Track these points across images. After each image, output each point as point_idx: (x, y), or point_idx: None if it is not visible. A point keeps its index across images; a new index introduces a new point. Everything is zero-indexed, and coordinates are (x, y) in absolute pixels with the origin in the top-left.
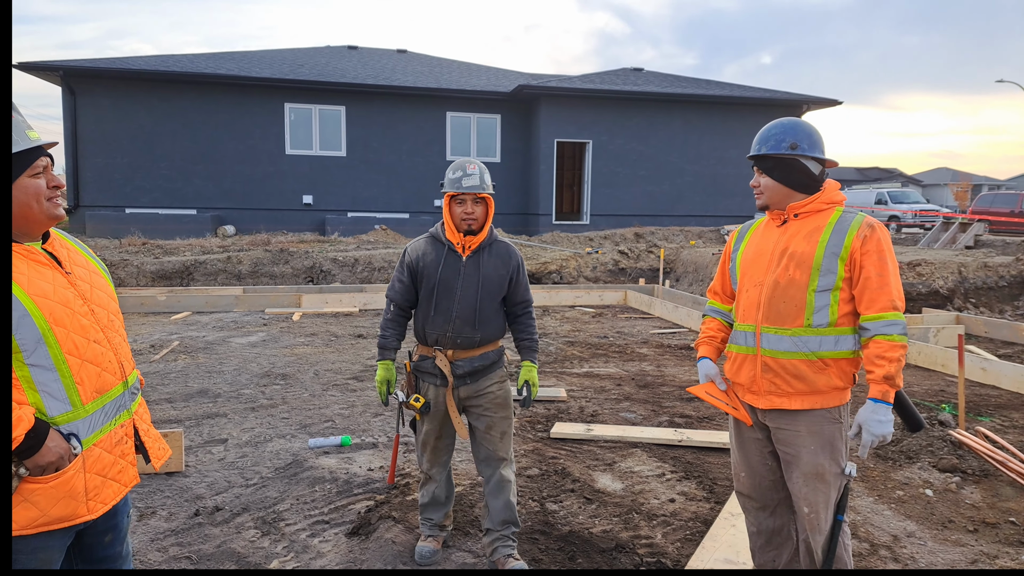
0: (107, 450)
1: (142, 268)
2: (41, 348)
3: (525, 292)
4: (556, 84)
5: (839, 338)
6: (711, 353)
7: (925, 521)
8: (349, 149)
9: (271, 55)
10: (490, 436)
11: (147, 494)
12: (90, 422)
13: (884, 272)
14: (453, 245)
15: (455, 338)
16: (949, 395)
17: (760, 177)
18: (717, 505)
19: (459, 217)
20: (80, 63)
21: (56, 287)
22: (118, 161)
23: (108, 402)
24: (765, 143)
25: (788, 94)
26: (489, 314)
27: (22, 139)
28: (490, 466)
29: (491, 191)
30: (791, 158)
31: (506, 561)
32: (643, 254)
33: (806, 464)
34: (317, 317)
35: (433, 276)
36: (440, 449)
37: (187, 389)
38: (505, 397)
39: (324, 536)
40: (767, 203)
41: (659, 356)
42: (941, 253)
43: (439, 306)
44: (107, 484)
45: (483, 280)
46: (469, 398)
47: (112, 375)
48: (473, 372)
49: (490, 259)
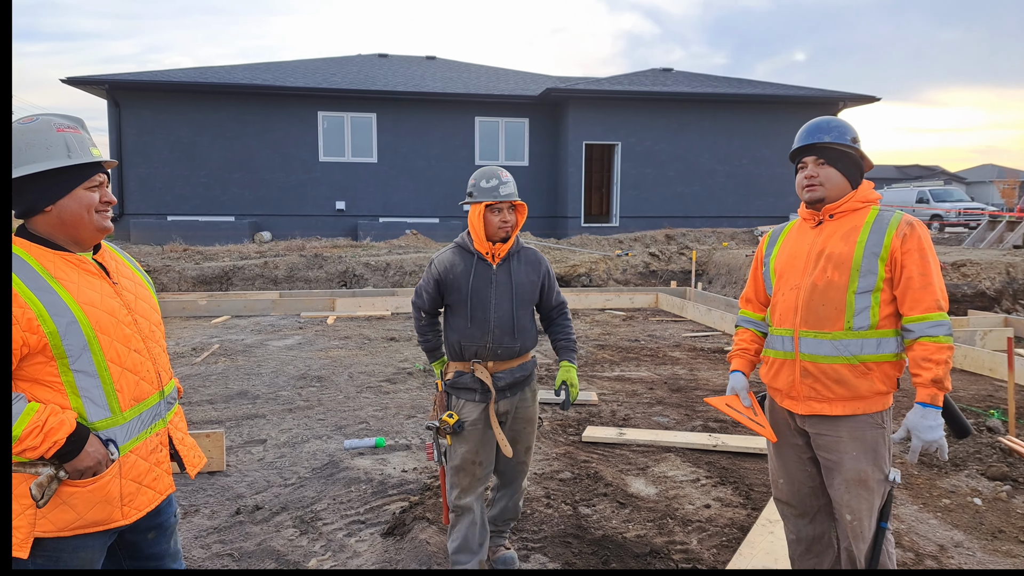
0: (143, 457)
1: (183, 274)
2: (86, 355)
3: (558, 295)
4: (584, 87)
5: (881, 340)
6: (744, 366)
7: (974, 531)
8: (380, 155)
9: (304, 65)
10: (516, 449)
11: (190, 492)
12: (127, 429)
13: (927, 271)
14: (482, 254)
15: (495, 349)
16: (998, 400)
17: (821, 168)
18: (754, 511)
19: (496, 225)
20: (124, 77)
21: (103, 296)
22: (159, 170)
23: (145, 410)
24: (828, 132)
25: (823, 91)
26: (526, 322)
27: (85, 154)
28: (511, 477)
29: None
30: (853, 151)
31: (497, 550)
32: (674, 256)
33: (849, 470)
34: (350, 320)
35: (465, 287)
36: (478, 476)
37: (227, 391)
38: (536, 411)
39: (360, 536)
40: (825, 196)
41: (692, 360)
42: (987, 253)
43: (475, 317)
44: (142, 491)
45: (516, 288)
46: (506, 413)
47: (149, 384)
48: (514, 384)
49: (520, 266)
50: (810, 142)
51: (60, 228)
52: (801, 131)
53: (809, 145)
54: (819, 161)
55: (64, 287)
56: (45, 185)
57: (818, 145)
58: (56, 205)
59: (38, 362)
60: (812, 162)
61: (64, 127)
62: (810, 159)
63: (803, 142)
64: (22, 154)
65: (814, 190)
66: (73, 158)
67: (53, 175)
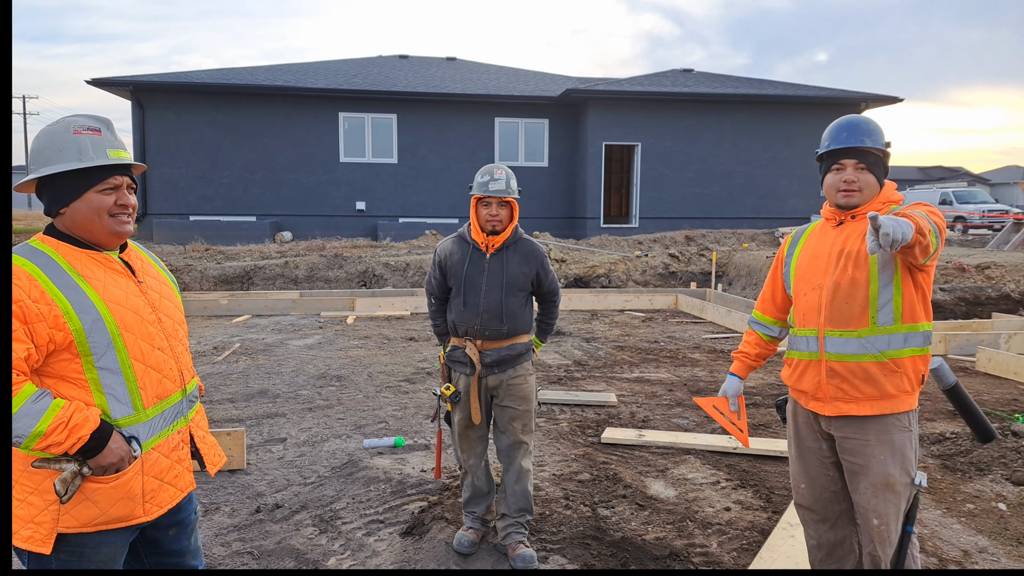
0: (164, 455)
1: (205, 273)
2: (110, 352)
3: (551, 283)
4: (604, 87)
5: (907, 335)
6: (741, 370)
7: (998, 536)
8: (400, 156)
9: (325, 66)
10: (512, 427)
11: (211, 490)
12: (150, 427)
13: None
14: (478, 244)
15: (483, 330)
16: (1022, 404)
17: (861, 173)
18: (775, 515)
19: (484, 218)
20: (147, 78)
21: (128, 295)
22: (182, 171)
23: (167, 408)
24: (869, 135)
25: (845, 92)
26: (515, 308)
27: (99, 156)
28: (510, 456)
29: (516, 196)
30: (886, 154)
31: (516, 547)
32: (694, 257)
33: (876, 474)
34: (370, 320)
35: (460, 273)
36: (474, 439)
37: (248, 389)
38: (529, 390)
39: (379, 535)
40: (861, 202)
41: (712, 362)
42: (1012, 255)
43: (467, 300)
44: (163, 488)
45: (507, 277)
46: (495, 388)
47: (172, 382)
48: (500, 362)
49: (514, 256)
50: (853, 144)
51: (75, 230)
52: (836, 129)
53: (851, 148)
54: (859, 166)
55: (91, 285)
56: (59, 188)
57: (860, 149)
58: (69, 208)
59: (63, 359)
60: (853, 166)
61: (83, 129)
62: (850, 162)
63: (844, 144)
64: (38, 157)
65: (852, 195)
66: (84, 161)
67: (64, 178)
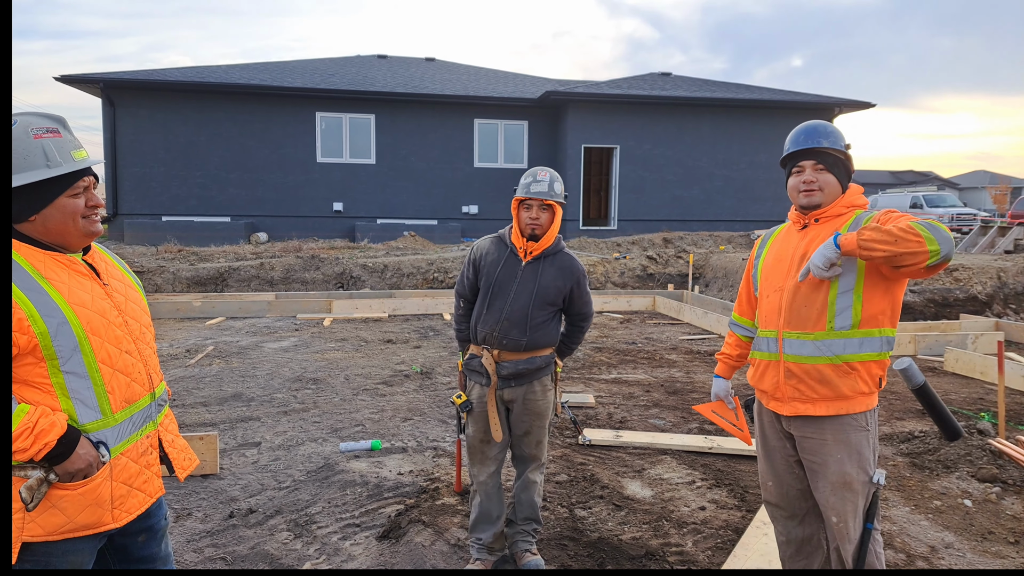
0: (133, 460)
1: (178, 275)
2: (76, 356)
3: (583, 306)
4: (583, 90)
5: (864, 340)
6: (724, 372)
7: (964, 532)
8: (379, 157)
9: (303, 65)
10: (526, 441)
11: (183, 496)
12: (118, 431)
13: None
14: (516, 248)
15: (502, 339)
16: (988, 403)
17: (820, 173)
18: (749, 513)
19: (524, 221)
20: (119, 75)
21: (94, 297)
22: (155, 170)
23: (136, 412)
24: (826, 137)
25: (819, 97)
26: (540, 321)
27: (66, 161)
28: (522, 465)
29: (560, 200)
30: (846, 156)
31: (523, 555)
32: (672, 259)
33: (833, 473)
34: (347, 323)
35: (491, 275)
36: (487, 455)
37: (221, 393)
38: (546, 407)
39: (355, 539)
40: (822, 201)
41: (688, 363)
42: (979, 258)
43: (492, 305)
44: (132, 493)
45: (538, 288)
46: (512, 401)
47: (141, 386)
48: (517, 375)
49: (550, 268)
50: (809, 146)
51: (46, 235)
52: (795, 134)
53: (807, 149)
54: (818, 166)
55: (55, 288)
56: (27, 196)
57: (816, 150)
58: (40, 215)
59: (28, 363)
60: (811, 167)
61: (42, 132)
62: (808, 164)
63: (801, 146)
64: None
65: (812, 195)
66: (52, 167)
67: (33, 186)
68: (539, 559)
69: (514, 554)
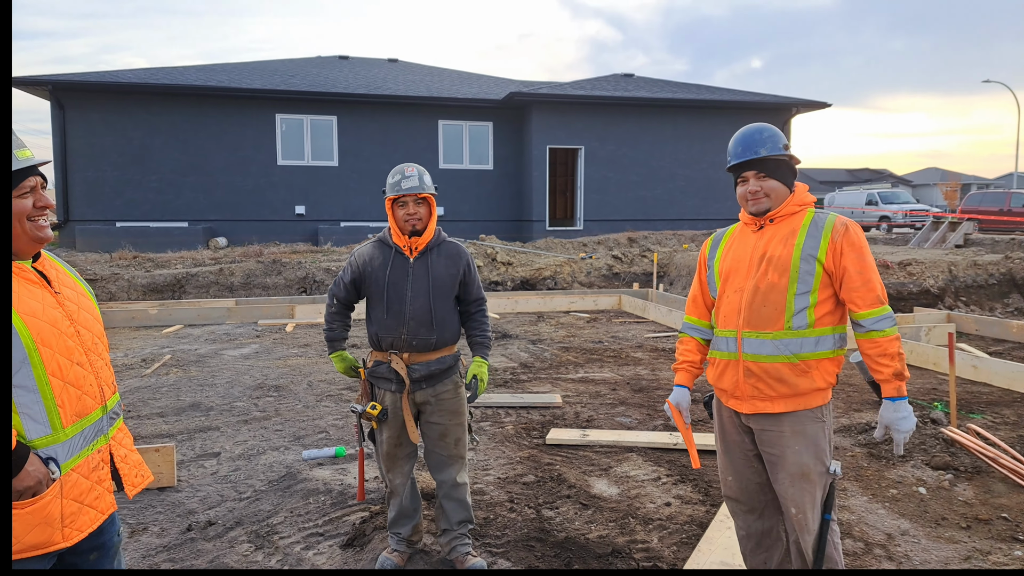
0: (84, 475)
1: (133, 282)
2: (25, 368)
3: (478, 290)
4: (547, 91)
5: (819, 339)
6: (687, 380)
7: (919, 519)
8: (341, 159)
9: (262, 66)
10: (444, 443)
11: (139, 510)
12: (69, 446)
13: (864, 269)
14: (400, 248)
15: (411, 340)
16: (941, 393)
17: (763, 181)
18: (713, 508)
19: (402, 219)
20: (69, 77)
21: (45, 306)
22: (108, 175)
23: (87, 426)
24: (763, 145)
25: (777, 97)
26: (444, 315)
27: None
28: (444, 471)
29: (432, 191)
30: (788, 158)
31: (465, 559)
32: (636, 259)
33: (791, 464)
34: (311, 327)
35: (382, 279)
36: (401, 457)
37: (179, 403)
38: (460, 403)
39: (319, 548)
40: (772, 206)
41: (654, 360)
42: (931, 252)
43: (391, 309)
44: (83, 511)
45: (434, 280)
46: (425, 403)
47: (92, 399)
48: (430, 376)
49: (439, 259)
50: (749, 157)
51: None
52: (733, 145)
53: (753, 159)
54: (760, 175)
55: None
56: None
57: (756, 160)
58: None
59: None
60: (753, 177)
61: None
62: (751, 174)
63: (741, 158)
64: None
65: (760, 202)
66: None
67: None
68: (481, 560)
69: (454, 559)
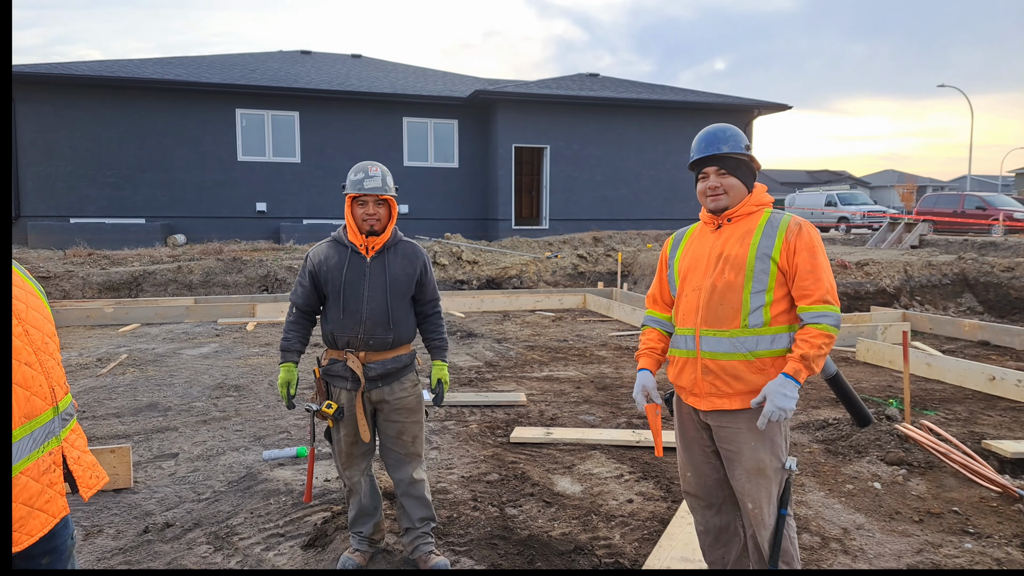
0: (34, 479)
1: (88, 279)
2: None
3: (433, 291)
4: (513, 89)
5: (775, 337)
6: (651, 365)
7: (873, 513)
8: (304, 155)
9: (222, 60)
10: (402, 441)
11: (93, 512)
12: (18, 449)
13: (816, 268)
14: (356, 247)
15: (367, 339)
16: (896, 390)
17: (723, 178)
18: (674, 504)
19: (361, 217)
20: (20, 69)
21: None
22: (61, 169)
23: (37, 428)
24: (725, 142)
25: (740, 99)
26: (401, 315)
27: None
28: (402, 469)
29: (393, 193)
30: (748, 158)
31: (428, 558)
32: (601, 258)
33: (747, 460)
34: (272, 326)
35: (338, 279)
36: (358, 455)
37: (136, 403)
38: (417, 401)
39: (279, 549)
40: (730, 203)
41: (617, 358)
42: (888, 253)
43: (347, 308)
44: (33, 515)
45: (390, 280)
46: (380, 402)
47: (42, 400)
48: (386, 375)
49: (396, 259)
50: (710, 153)
51: None
52: (698, 140)
53: (709, 156)
54: (720, 171)
55: None
56: None
57: (718, 156)
58: None
59: None
60: (714, 173)
61: None
62: (711, 170)
63: (703, 153)
64: None
65: (718, 199)
66: None
67: None
68: (444, 560)
69: (417, 559)
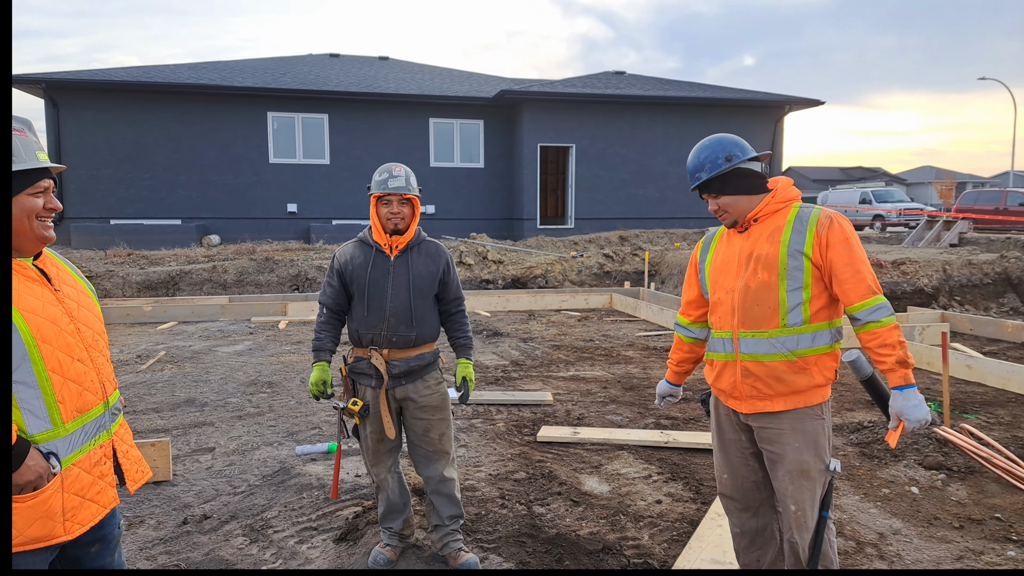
0: (86, 470)
1: (127, 279)
2: (26, 364)
3: (457, 289)
4: (538, 89)
5: (816, 334)
6: (671, 376)
7: (911, 519)
8: (332, 157)
9: (253, 64)
10: (428, 438)
11: (135, 503)
12: (69, 441)
13: (853, 260)
14: (380, 246)
15: (391, 337)
16: (934, 393)
17: (717, 200)
18: (704, 506)
19: (385, 217)
20: (62, 75)
21: (45, 304)
22: (102, 173)
23: (88, 422)
24: (702, 169)
25: (769, 95)
26: (424, 312)
27: (31, 159)
28: (430, 467)
29: (416, 192)
30: (733, 169)
31: (457, 555)
32: (628, 257)
33: (791, 461)
34: (303, 325)
35: (363, 277)
36: (384, 453)
37: (174, 399)
38: (442, 398)
39: (312, 542)
40: (736, 218)
41: (645, 359)
42: (925, 251)
43: (371, 306)
44: (85, 505)
45: (414, 278)
46: (405, 399)
47: (93, 395)
48: (409, 372)
49: (419, 257)
50: (694, 185)
51: None
52: (687, 167)
53: (697, 187)
54: (712, 196)
55: None
56: None
57: (703, 184)
58: None
59: None
60: (710, 199)
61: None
62: (707, 196)
63: (692, 184)
64: None
65: (725, 218)
66: (18, 163)
67: None
68: (474, 557)
69: (446, 555)
